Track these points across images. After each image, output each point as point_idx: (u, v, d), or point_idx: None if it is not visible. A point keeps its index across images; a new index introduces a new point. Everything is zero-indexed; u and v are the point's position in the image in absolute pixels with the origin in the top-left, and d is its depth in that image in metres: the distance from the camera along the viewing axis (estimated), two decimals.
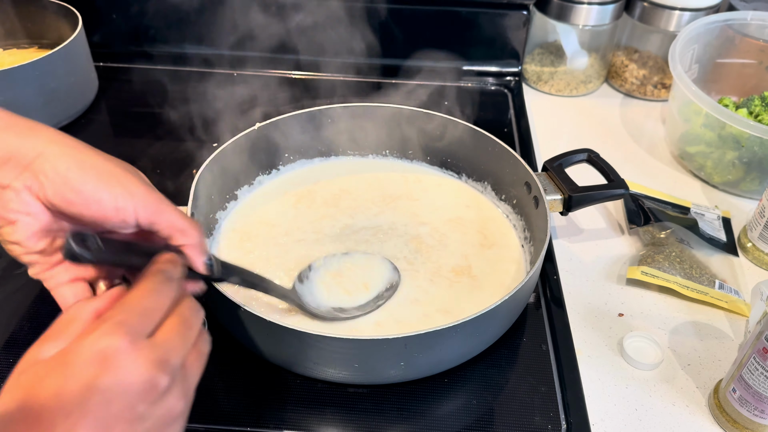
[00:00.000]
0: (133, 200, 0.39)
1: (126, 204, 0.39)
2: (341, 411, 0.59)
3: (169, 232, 0.42)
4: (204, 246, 0.44)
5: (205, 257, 0.44)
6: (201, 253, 0.43)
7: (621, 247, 0.80)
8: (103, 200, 0.38)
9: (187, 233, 0.42)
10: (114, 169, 0.40)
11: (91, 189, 0.38)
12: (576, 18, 1.04)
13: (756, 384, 0.55)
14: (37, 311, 0.67)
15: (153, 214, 0.41)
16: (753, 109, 0.91)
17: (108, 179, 0.39)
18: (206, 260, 0.44)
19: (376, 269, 0.69)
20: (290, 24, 1.04)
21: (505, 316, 0.62)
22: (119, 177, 0.39)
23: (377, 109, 0.82)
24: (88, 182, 0.38)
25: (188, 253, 0.43)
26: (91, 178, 0.38)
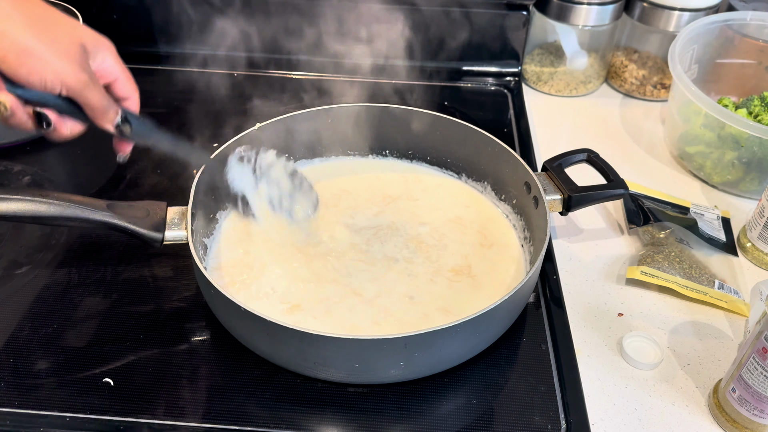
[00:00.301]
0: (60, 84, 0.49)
1: (53, 87, 0.49)
2: (341, 411, 0.59)
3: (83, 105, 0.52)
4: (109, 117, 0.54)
5: (111, 123, 0.55)
6: (107, 122, 0.54)
7: (620, 247, 0.80)
8: (34, 83, 0.47)
9: (95, 110, 0.52)
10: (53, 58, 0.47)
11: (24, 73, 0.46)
12: (576, 18, 1.04)
13: (755, 384, 0.56)
14: (37, 311, 0.67)
15: (74, 95, 0.50)
16: (752, 109, 0.91)
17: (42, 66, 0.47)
18: (115, 124, 0.55)
19: None
20: (290, 24, 1.04)
21: (505, 315, 0.62)
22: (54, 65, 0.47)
23: (377, 109, 0.82)
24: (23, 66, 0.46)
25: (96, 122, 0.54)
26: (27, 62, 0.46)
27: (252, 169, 0.70)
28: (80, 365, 0.62)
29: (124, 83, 0.56)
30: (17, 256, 0.73)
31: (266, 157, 0.71)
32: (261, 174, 0.70)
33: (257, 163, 0.70)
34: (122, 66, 0.56)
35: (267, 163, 0.70)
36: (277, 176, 0.71)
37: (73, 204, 0.60)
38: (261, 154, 0.70)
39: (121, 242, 0.75)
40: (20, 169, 0.86)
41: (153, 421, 0.57)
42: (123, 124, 0.56)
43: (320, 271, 0.69)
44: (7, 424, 0.57)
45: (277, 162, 0.71)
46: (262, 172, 0.70)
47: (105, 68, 0.54)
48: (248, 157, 0.70)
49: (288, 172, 0.72)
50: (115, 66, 0.55)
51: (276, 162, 0.71)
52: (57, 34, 0.47)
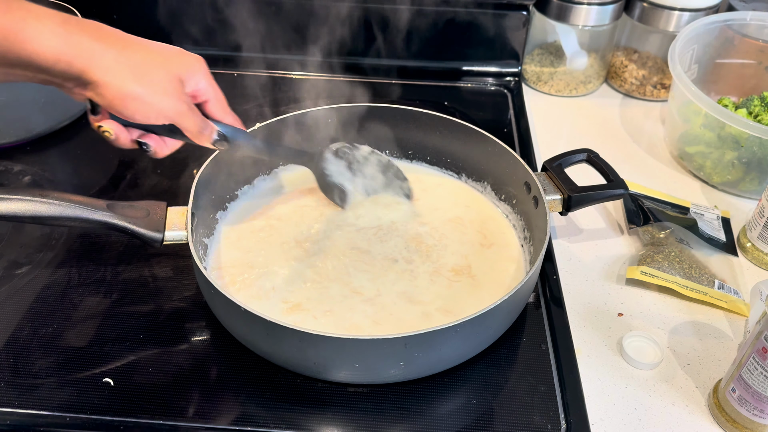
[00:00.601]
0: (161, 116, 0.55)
1: (156, 119, 0.55)
2: (341, 411, 0.59)
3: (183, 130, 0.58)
4: (206, 136, 0.60)
5: (209, 141, 0.61)
6: (205, 141, 0.61)
7: (620, 247, 0.80)
8: (136, 119, 0.54)
9: (192, 134, 0.59)
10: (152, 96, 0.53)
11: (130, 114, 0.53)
12: (575, 18, 1.04)
13: (755, 384, 0.56)
14: (37, 311, 0.67)
15: (173, 122, 0.56)
16: (752, 109, 0.91)
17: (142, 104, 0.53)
18: (213, 141, 0.62)
19: None
20: (291, 24, 1.04)
21: (505, 315, 0.62)
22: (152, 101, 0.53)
23: (377, 109, 0.82)
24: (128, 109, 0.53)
25: (195, 141, 0.60)
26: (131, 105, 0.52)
27: (347, 163, 0.76)
28: (80, 365, 0.62)
29: (215, 104, 0.61)
30: (17, 256, 0.73)
31: (361, 151, 0.77)
32: (357, 167, 0.77)
33: (353, 157, 0.77)
34: (214, 86, 0.61)
35: (362, 156, 0.77)
36: (372, 170, 0.78)
37: (73, 204, 0.60)
38: (355, 150, 0.77)
39: (121, 242, 0.75)
40: (20, 169, 0.86)
41: (153, 421, 0.57)
42: (219, 140, 0.62)
43: (320, 271, 0.69)
44: (7, 424, 0.57)
45: (371, 156, 0.78)
46: (359, 165, 0.77)
47: (199, 90, 0.59)
48: (343, 152, 0.76)
49: (382, 164, 0.78)
50: (208, 88, 0.60)
51: (370, 156, 0.78)
52: (155, 76, 0.53)
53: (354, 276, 0.69)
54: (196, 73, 0.58)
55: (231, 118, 0.63)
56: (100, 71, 0.49)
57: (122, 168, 0.87)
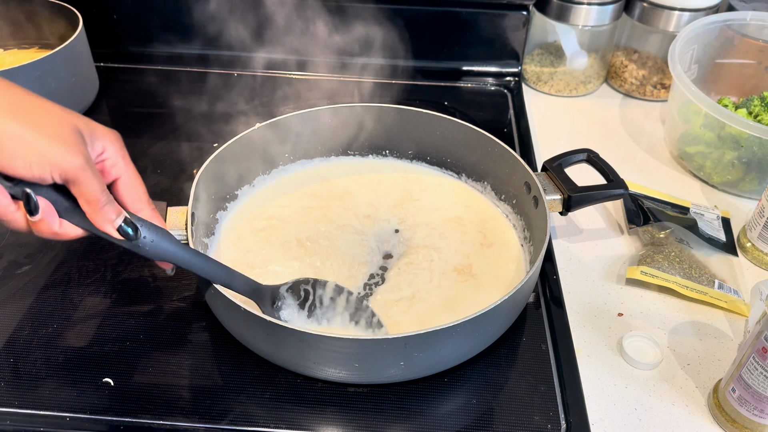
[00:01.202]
0: (49, 168, 0.42)
1: (42, 172, 0.42)
2: (341, 411, 0.59)
3: (77, 197, 0.45)
4: (107, 214, 0.46)
5: (112, 224, 0.47)
6: (106, 222, 0.46)
7: (620, 247, 0.80)
8: (18, 168, 0.42)
9: (90, 203, 0.45)
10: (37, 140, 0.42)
11: (4, 159, 0.41)
12: (575, 18, 1.04)
13: (755, 384, 0.56)
14: (37, 311, 0.67)
15: (67, 182, 0.44)
16: (752, 109, 0.91)
17: (26, 150, 0.41)
18: (119, 226, 0.47)
19: None
20: (291, 24, 1.04)
21: (505, 315, 0.62)
22: (39, 148, 0.42)
23: (377, 109, 0.82)
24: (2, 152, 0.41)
25: (91, 220, 0.46)
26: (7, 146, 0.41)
27: (306, 303, 0.63)
28: (80, 365, 0.62)
29: (129, 188, 0.48)
30: (17, 256, 0.73)
31: (326, 289, 0.63)
32: (320, 311, 0.63)
33: (316, 296, 0.63)
34: (128, 162, 0.48)
35: (327, 296, 0.63)
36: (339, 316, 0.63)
37: None
38: (318, 287, 0.62)
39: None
40: None
41: (153, 421, 0.57)
42: (129, 230, 0.48)
43: (321, 271, 0.69)
44: (7, 424, 0.57)
45: (339, 296, 0.63)
46: (323, 309, 0.63)
47: (105, 160, 0.47)
48: (304, 289, 0.62)
49: (352, 305, 0.63)
50: (118, 160, 0.47)
51: (338, 297, 0.63)
52: (43, 118, 0.42)
53: (355, 276, 0.69)
54: (103, 138, 0.46)
55: (150, 212, 0.50)
56: None
57: None
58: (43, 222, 0.45)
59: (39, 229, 0.45)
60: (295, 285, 0.63)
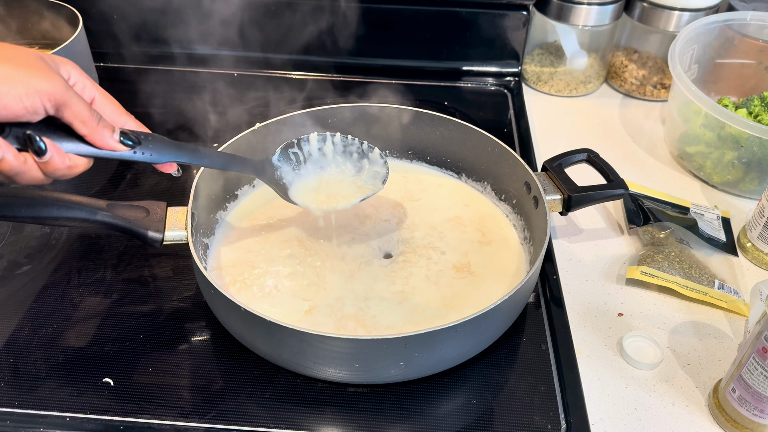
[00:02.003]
0: (38, 96, 0.44)
1: (33, 102, 0.44)
2: (341, 411, 0.59)
3: (71, 122, 0.47)
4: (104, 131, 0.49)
5: (112, 139, 0.50)
6: (107, 137, 0.49)
7: (620, 247, 0.80)
8: (9, 105, 0.43)
9: (86, 123, 0.47)
10: (15, 72, 0.43)
11: None
12: (576, 18, 1.04)
13: (755, 384, 0.56)
14: (37, 311, 0.67)
15: (57, 107, 0.45)
16: (752, 109, 0.91)
17: (10, 84, 0.43)
18: (119, 138, 0.50)
19: None
20: (290, 24, 1.04)
21: (505, 315, 0.62)
22: (21, 79, 0.43)
23: (377, 109, 0.82)
24: None
25: (91, 141, 0.49)
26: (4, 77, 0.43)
27: (299, 161, 0.67)
28: (80, 365, 0.62)
29: (105, 103, 0.51)
30: (17, 256, 0.73)
31: (310, 143, 0.68)
32: (315, 163, 0.67)
33: (306, 152, 0.68)
34: (94, 83, 0.51)
35: (315, 147, 0.67)
36: (335, 161, 0.68)
37: (73, 204, 0.60)
38: (304, 143, 0.67)
39: (121, 242, 0.75)
40: None
41: (153, 421, 0.57)
42: (129, 140, 0.51)
43: (321, 271, 0.69)
44: (7, 424, 0.57)
45: (326, 144, 0.68)
46: (316, 160, 0.67)
47: (74, 84, 0.49)
48: (293, 151, 0.68)
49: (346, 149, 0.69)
50: (85, 82, 0.50)
51: (324, 144, 0.68)
52: (14, 53, 0.44)
53: (355, 275, 0.69)
54: (64, 64, 0.49)
55: (133, 122, 0.53)
56: None
57: (122, 168, 0.87)
58: (52, 161, 0.46)
59: (51, 170, 0.47)
60: (282, 151, 0.67)
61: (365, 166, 0.70)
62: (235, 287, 0.67)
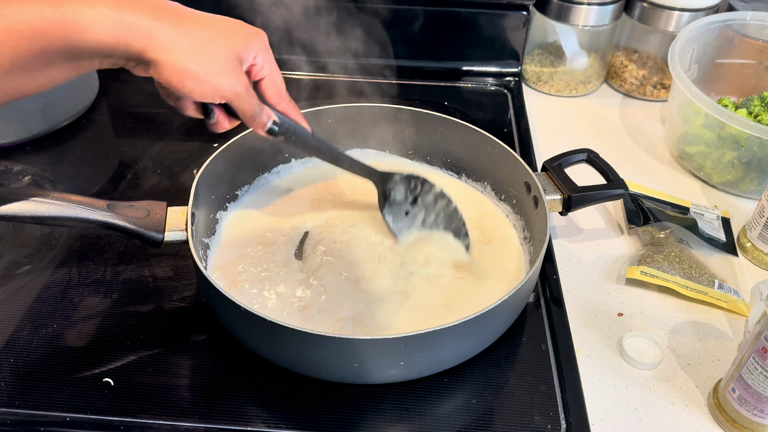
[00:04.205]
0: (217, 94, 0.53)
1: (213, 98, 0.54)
2: (341, 411, 0.59)
3: (237, 111, 0.57)
4: (260, 122, 0.58)
5: (263, 129, 0.59)
6: (259, 127, 0.59)
7: (620, 247, 0.80)
8: (196, 96, 0.53)
9: (246, 116, 0.57)
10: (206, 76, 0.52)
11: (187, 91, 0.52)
12: (575, 18, 1.04)
13: (755, 384, 0.56)
14: (37, 311, 0.67)
15: (230, 101, 0.55)
16: (752, 109, 0.91)
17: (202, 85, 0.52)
18: (268, 128, 0.59)
19: None
20: (290, 24, 1.04)
21: (505, 315, 0.62)
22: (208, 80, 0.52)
23: (377, 110, 0.82)
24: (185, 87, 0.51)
25: (249, 126, 0.59)
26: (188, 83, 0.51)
27: (413, 195, 0.74)
28: (80, 365, 0.62)
29: (270, 86, 0.60)
30: (17, 256, 0.73)
31: (433, 190, 0.73)
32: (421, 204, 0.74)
33: (422, 191, 0.73)
34: (272, 65, 0.60)
35: (433, 195, 0.73)
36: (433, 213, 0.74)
37: (73, 204, 0.60)
38: (427, 185, 0.73)
39: (121, 242, 0.75)
40: (20, 169, 0.86)
41: (153, 421, 0.57)
42: (275, 131, 0.60)
43: (321, 271, 0.69)
44: (7, 424, 0.57)
45: (440, 198, 0.73)
46: (423, 203, 0.74)
47: (255, 66, 0.58)
48: (415, 183, 0.73)
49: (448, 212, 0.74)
50: (264, 65, 0.59)
51: (439, 198, 0.73)
52: (213, 54, 0.52)
53: (355, 275, 0.69)
54: (255, 49, 0.57)
55: (286, 103, 0.62)
56: (157, 50, 0.49)
57: (122, 168, 0.87)
58: (218, 123, 0.57)
59: (219, 129, 0.58)
60: (408, 177, 0.73)
61: None
62: (235, 288, 0.67)
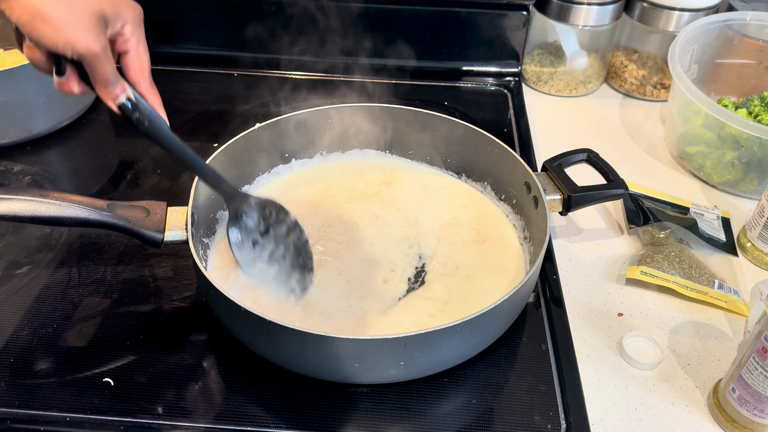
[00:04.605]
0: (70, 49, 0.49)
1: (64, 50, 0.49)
2: (341, 411, 0.59)
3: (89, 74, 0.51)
4: (112, 92, 0.52)
5: (114, 102, 0.53)
6: (110, 98, 0.53)
7: (620, 247, 0.80)
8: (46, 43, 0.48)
9: (98, 82, 0.52)
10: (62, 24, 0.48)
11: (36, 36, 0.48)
12: (575, 18, 1.04)
13: (755, 383, 0.56)
14: (37, 311, 0.67)
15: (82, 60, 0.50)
16: (752, 109, 0.91)
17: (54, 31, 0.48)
18: (120, 102, 0.53)
19: None
20: (290, 24, 1.04)
21: (505, 315, 0.62)
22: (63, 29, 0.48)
23: (377, 109, 0.82)
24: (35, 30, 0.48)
25: (98, 93, 0.53)
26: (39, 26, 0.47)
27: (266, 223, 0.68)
28: (80, 365, 0.62)
29: (134, 61, 0.55)
30: (17, 256, 0.73)
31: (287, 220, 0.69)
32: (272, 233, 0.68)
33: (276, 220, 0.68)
34: (141, 41, 0.55)
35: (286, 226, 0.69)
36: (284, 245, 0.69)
37: (73, 204, 0.60)
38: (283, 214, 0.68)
39: (121, 242, 0.75)
40: (20, 169, 0.86)
41: (153, 421, 0.57)
42: (127, 107, 0.53)
43: (320, 271, 0.69)
44: (7, 424, 0.57)
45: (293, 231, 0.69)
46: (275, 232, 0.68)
47: (121, 35, 0.53)
48: (270, 210, 0.68)
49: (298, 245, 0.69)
50: (131, 37, 0.54)
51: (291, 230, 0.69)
52: (74, 5, 0.48)
53: (354, 275, 0.69)
54: (124, 17, 0.53)
55: (147, 84, 0.56)
56: None
57: (122, 168, 0.87)
58: (67, 83, 0.52)
59: (66, 89, 0.52)
60: (264, 202, 0.67)
61: None
62: (235, 288, 0.67)
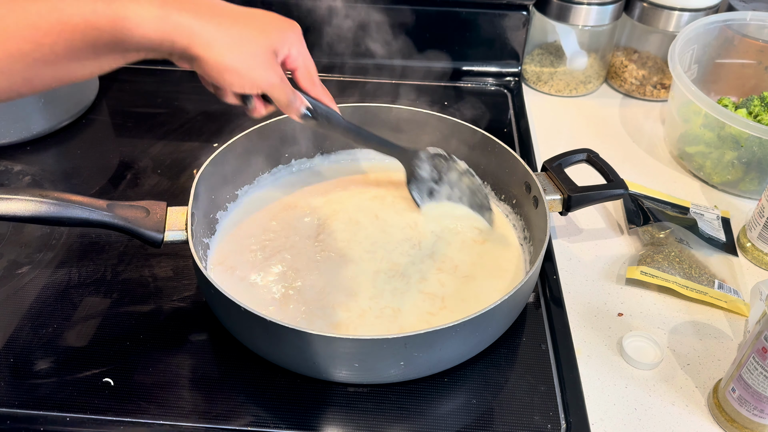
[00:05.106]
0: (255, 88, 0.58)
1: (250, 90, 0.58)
2: (341, 411, 0.59)
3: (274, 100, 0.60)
4: (294, 108, 0.62)
5: (297, 115, 0.63)
6: (293, 113, 0.63)
7: (620, 247, 0.80)
8: (235, 89, 0.57)
9: (281, 104, 0.61)
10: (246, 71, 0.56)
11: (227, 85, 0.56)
12: (575, 18, 1.04)
13: (755, 383, 0.56)
14: (37, 311, 0.67)
15: (266, 92, 0.59)
16: (752, 109, 0.91)
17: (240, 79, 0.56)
18: (302, 114, 0.63)
19: None
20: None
21: (505, 315, 0.62)
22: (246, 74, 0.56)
23: (377, 110, 0.82)
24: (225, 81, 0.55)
25: (284, 112, 0.62)
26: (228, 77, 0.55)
27: (439, 171, 0.77)
28: (80, 365, 0.62)
29: (303, 73, 0.63)
30: (17, 256, 0.73)
31: (457, 165, 0.76)
32: (446, 180, 0.78)
33: (447, 167, 0.77)
34: (305, 55, 0.63)
35: (457, 171, 0.77)
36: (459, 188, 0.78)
37: (73, 204, 0.60)
38: (452, 161, 0.76)
39: (121, 242, 0.75)
40: (20, 169, 0.86)
41: (153, 421, 0.57)
42: (308, 116, 0.64)
43: (321, 271, 0.69)
44: (7, 424, 0.57)
45: (464, 175, 0.77)
46: (449, 179, 0.77)
47: (289, 57, 0.61)
48: (439, 160, 0.76)
49: (472, 187, 0.77)
50: (297, 56, 0.62)
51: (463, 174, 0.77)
52: (251, 51, 0.56)
53: (355, 276, 0.69)
54: (289, 41, 0.61)
55: (319, 89, 0.65)
56: (200, 48, 0.53)
57: (122, 168, 0.87)
58: (256, 110, 0.61)
59: (256, 115, 0.61)
60: (433, 154, 0.76)
61: None
62: (235, 288, 0.67)
